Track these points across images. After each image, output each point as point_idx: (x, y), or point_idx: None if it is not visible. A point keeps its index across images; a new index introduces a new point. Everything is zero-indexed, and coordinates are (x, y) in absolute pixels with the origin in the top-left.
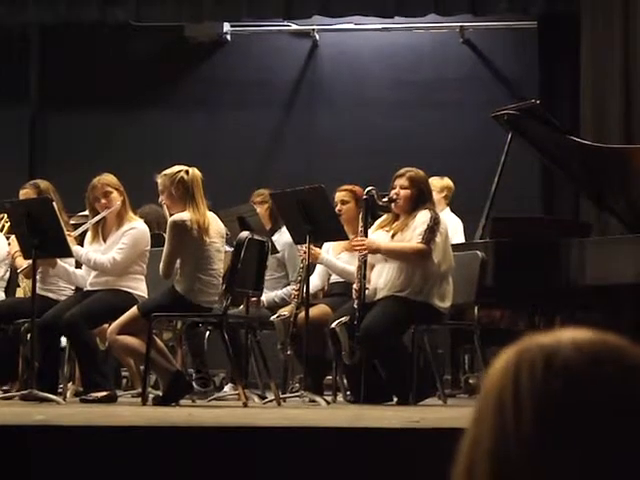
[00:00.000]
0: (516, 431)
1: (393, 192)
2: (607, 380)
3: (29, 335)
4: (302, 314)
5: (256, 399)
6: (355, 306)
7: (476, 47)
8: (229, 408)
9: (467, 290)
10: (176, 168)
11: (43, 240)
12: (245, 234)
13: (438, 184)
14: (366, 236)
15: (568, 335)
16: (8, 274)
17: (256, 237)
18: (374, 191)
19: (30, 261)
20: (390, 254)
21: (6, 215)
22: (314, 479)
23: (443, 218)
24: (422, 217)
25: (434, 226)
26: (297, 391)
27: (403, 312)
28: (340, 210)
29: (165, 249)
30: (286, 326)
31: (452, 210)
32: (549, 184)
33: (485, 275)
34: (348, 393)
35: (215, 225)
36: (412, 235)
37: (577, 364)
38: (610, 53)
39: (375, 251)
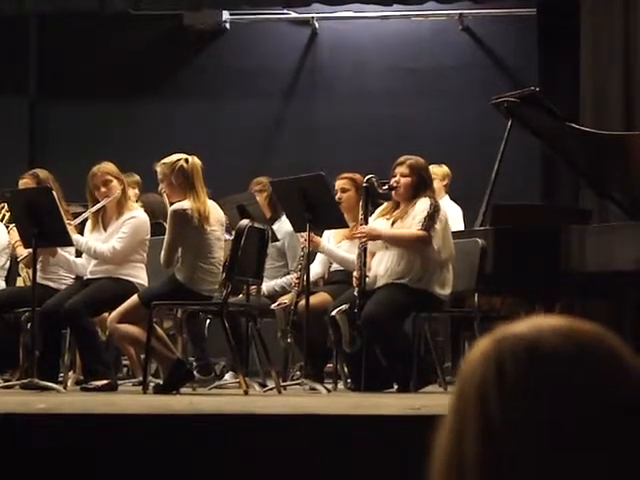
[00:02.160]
0: (503, 421)
1: (393, 180)
2: (595, 365)
3: (30, 324)
4: (302, 302)
5: (257, 387)
6: (355, 294)
7: (475, 34)
8: (230, 396)
9: (467, 277)
10: (176, 156)
11: (43, 229)
12: (245, 222)
13: (440, 172)
14: (366, 224)
15: (545, 322)
16: (8, 263)
17: (256, 225)
18: (374, 179)
19: (30, 250)
20: (391, 241)
21: (6, 204)
22: (315, 467)
23: (443, 206)
24: (422, 205)
25: (434, 213)
26: (298, 379)
27: (403, 299)
28: (340, 198)
29: (166, 238)
30: (286, 314)
31: (451, 198)
32: (549, 171)
33: (485, 262)
34: (349, 381)
35: (215, 213)
36: (412, 223)
37: (563, 350)
38: (610, 39)
39: (376, 238)
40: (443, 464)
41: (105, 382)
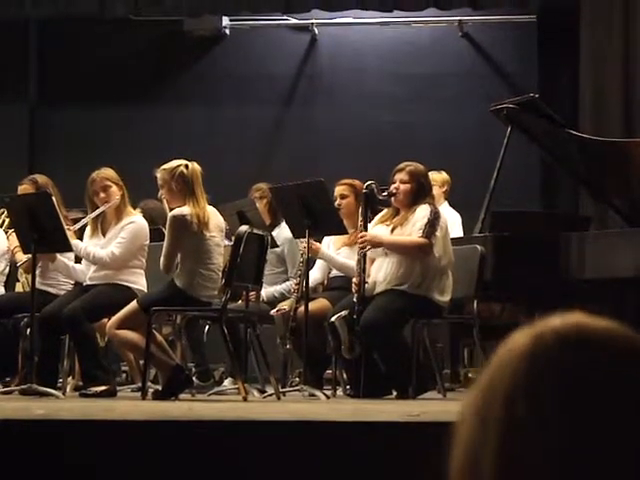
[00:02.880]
0: (534, 420)
1: (393, 186)
2: (631, 368)
3: (29, 329)
4: (302, 308)
5: (256, 393)
6: (355, 300)
7: (475, 41)
8: (229, 402)
9: (466, 284)
10: (175, 162)
11: (42, 235)
12: (244, 228)
13: (439, 178)
14: (366, 230)
15: (580, 322)
16: (8, 269)
17: (255, 231)
18: (374, 185)
19: (30, 256)
20: (392, 248)
21: (5, 210)
22: (314, 473)
23: (442, 212)
24: (422, 211)
25: (434, 220)
26: (297, 385)
27: (403, 306)
28: (339, 204)
29: (165, 244)
30: (286, 320)
31: (450, 204)
32: (548, 178)
33: (484, 269)
34: (348, 387)
35: (215, 219)
36: (412, 229)
37: (595, 355)
38: (609, 46)
39: (378, 245)
40: (460, 467)
41: (104, 388)
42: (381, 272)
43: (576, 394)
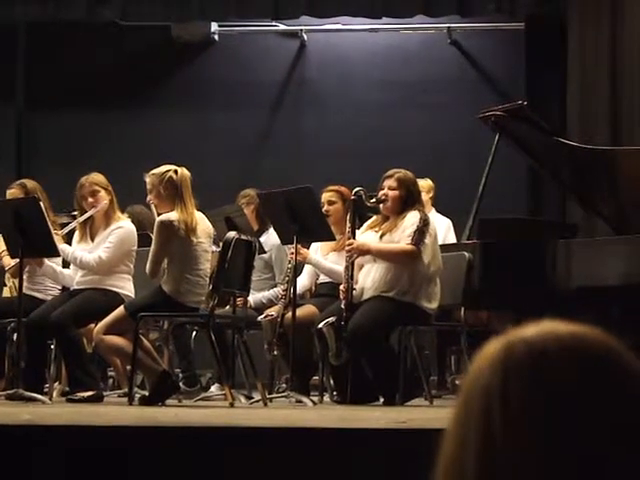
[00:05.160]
0: (505, 430)
1: (382, 193)
2: (602, 381)
3: (15, 334)
4: (289, 314)
5: (242, 399)
6: (342, 306)
7: (463, 48)
8: (215, 408)
9: (454, 291)
10: (165, 167)
11: (30, 239)
12: (232, 234)
13: (426, 185)
14: (354, 237)
15: (550, 330)
16: None
17: (243, 237)
18: (362, 192)
19: (17, 260)
20: (379, 255)
21: None
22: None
23: (432, 219)
24: (411, 218)
25: (423, 227)
26: (284, 391)
27: (390, 313)
28: (327, 210)
29: (152, 248)
30: (273, 326)
31: (437, 210)
32: (536, 185)
33: (472, 276)
34: (334, 393)
35: (203, 225)
36: (401, 236)
37: (569, 367)
38: (597, 54)
39: (365, 253)
40: (445, 474)
41: (91, 393)
42: (369, 278)
43: (546, 404)
